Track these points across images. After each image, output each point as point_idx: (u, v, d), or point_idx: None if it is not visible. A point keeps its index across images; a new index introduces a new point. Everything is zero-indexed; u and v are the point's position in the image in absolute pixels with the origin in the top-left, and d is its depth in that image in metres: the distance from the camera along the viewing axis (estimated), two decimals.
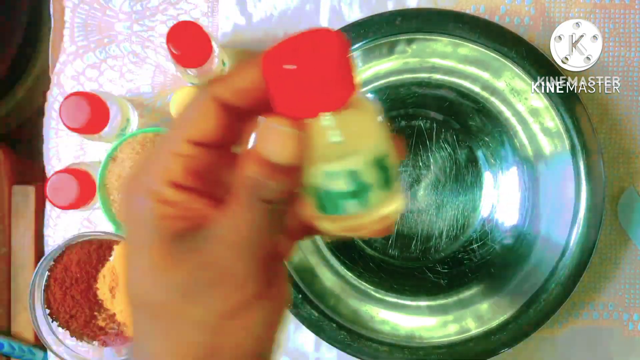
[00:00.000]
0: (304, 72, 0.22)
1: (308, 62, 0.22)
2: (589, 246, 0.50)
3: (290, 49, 0.23)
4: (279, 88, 0.23)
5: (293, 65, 0.22)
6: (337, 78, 0.23)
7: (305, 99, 0.23)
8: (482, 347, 0.51)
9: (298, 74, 0.22)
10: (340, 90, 0.23)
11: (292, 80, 0.22)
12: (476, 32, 0.51)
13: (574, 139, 0.51)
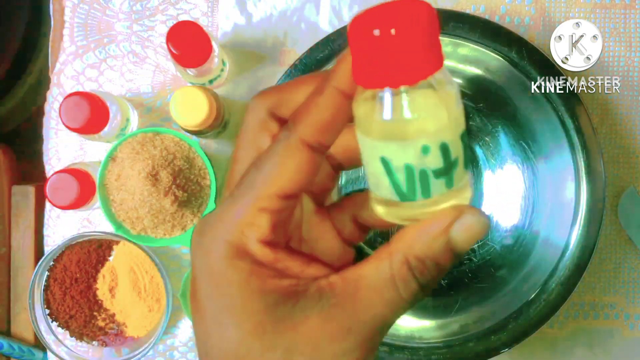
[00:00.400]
0: (394, 38, 0.21)
1: (401, 28, 0.21)
2: (589, 246, 0.50)
3: (380, 15, 0.21)
4: (367, 56, 0.22)
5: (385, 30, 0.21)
6: (430, 42, 0.22)
7: (396, 65, 0.21)
8: (482, 347, 0.51)
9: (387, 40, 0.21)
10: (434, 55, 0.22)
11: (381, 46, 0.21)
12: (476, 32, 0.51)
13: (574, 139, 0.51)
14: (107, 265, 0.56)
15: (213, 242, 0.23)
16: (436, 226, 0.23)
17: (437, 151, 0.22)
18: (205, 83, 0.54)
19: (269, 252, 0.23)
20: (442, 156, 0.23)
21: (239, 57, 0.57)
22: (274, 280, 0.23)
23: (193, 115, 0.49)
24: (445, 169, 0.23)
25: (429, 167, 0.23)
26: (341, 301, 0.23)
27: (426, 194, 0.23)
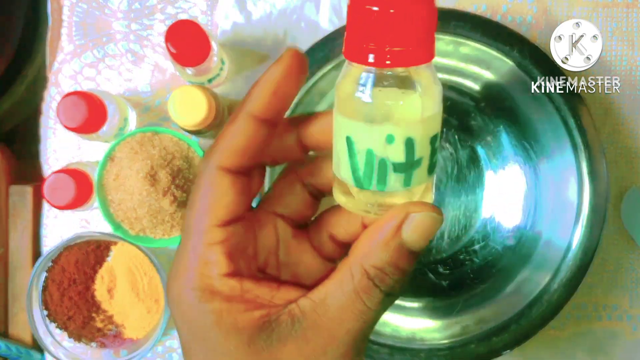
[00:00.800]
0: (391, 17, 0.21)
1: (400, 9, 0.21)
2: (592, 247, 0.50)
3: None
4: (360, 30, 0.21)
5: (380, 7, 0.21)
6: (424, 32, 0.22)
7: (385, 46, 0.21)
8: (484, 349, 0.50)
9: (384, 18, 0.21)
10: (425, 47, 0.22)
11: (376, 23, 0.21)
12: (478, 30, 0.51)
13: (577, 139, 0.50)
14: (105, 266, 0.55)
15: (182, 293, 0.24)
16: (386, 230, 0.23)
17: (402, 145, 0.22)
18: (204, 82, 0.54)
19: (235, 283, 0.23)
20: (405, 151, 0.22)
21: (238, 56, 0.57)
22: (246, 314, 0.23)
23: (192, 114, 0.49)
24: (406, 166, 0.23)
25: (389, 158, 0.22)
26: (313, 323, 0.23)
27: (382, 185, 0.23)
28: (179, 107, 0.49)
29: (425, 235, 0.23)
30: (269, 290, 0.24)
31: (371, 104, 0.22)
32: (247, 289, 0.24)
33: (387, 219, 0.23)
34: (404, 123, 0.22)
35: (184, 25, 0.48)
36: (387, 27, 0.21)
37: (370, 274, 0.23)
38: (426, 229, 0.23)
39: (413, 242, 0.23)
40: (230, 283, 0.23)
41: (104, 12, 0.57)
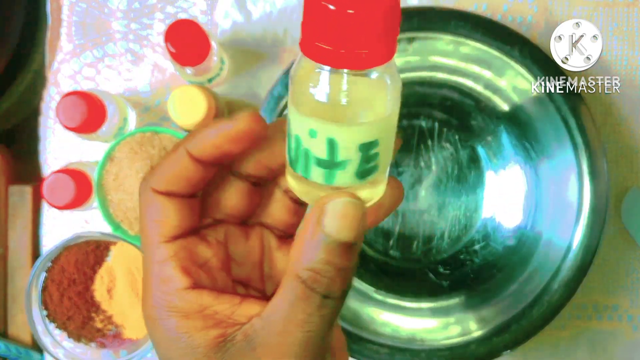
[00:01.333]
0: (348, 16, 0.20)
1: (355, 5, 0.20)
2: (592, 247, 0.50)
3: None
4: (314, 27, 0.21)
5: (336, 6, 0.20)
6: (381, 33, 0.20)
7: (339, 45, 0.20)
8: (484, 349, 0.50)
9: (340, 16, 0.20)
10: (380, 49, 0.21)
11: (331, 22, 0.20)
12: (478, 30, 0.51)
13: (577, 138, 0.50)
14: (104, 266, 0.55)
15: (147, 311, 0.24)
16: (308, 227, 0.22)
17: (324, 142, 0.22)
18: (204, 82, 0.54)
19: (193, 298, 0.23)
20: (327, 150, 0.22)
21: (238, 55, 0.57)
22: (202, 333, 0.23)
23: (192, 114, 0.49)
24: (328, 163, 0.22)
25: (312, 151, 0.22)
26: (263, 340, 0.22)
27: (306, 173, 0.23)
28: (179, 107, 0.49)
29: (349, 223, 0.22)
30: (230, 306, 0.23)
31: (304, 94, 0.22)
32: (206, 304, 0.23)
33: (308, 216, 0.22)
34: (328, 123, 0.21)
35: (184, 25, 0.48)
36: (337, 26, 0.20)
37: (303, 278, 0.22)
38: (347, 216, 0.22)
39: (337, 232, 0.22)
40: (188, 297, 0.23)
41: (104, 12, 0.57)
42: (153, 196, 0.24)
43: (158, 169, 0.24)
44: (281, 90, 0.51)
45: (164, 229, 0.24)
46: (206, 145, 0.23)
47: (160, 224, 0.24)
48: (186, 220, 0.24)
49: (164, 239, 0.24)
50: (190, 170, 0.24)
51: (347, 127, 0.21)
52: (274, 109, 0.51)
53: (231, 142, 0.23)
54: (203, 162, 0.24)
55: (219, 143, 0.23)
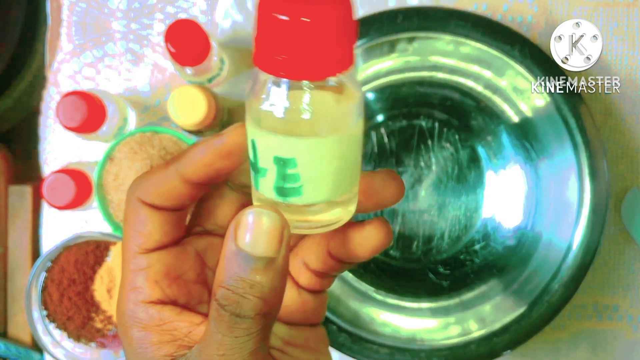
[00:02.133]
0: (300, 24, 0.19)
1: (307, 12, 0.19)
2: (592, 247, 0.50)
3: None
4: (266, 38, 0.20)
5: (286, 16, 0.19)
6: (335, 41, 0.19)
7: (292, 56, 0.19)
8: (484, 349, 0.50)
9: (292, 25, 0.19)
10: (334, 59, 0.20)
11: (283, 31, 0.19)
12: (478, 30, 0.51)
13: (577, 138, 0.50)
14: (104, 266, 0.55)
15: (119, 317, 0.24)
16: (225, 242, 0.21)
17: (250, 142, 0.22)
18: (203, 82, 0.54)
19: (154, 312, 0.23)
20: (251, 150, 0.22)
21: (238, 55, 0.57)
22: (154, 347, 0.23)
23: (191, 114, 0.49)
24: (254, 166, 0.22)
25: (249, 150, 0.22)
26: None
27: (255, 183, 0.22)
28: (179, 107, 0.49)
29: (262, 236, 0.21)
30: (189, 325, 0.23)
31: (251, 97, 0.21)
32: (166, 319, 0.23)
33: (226, 231, 0.22)
34: (251, 123, 0.21)
35: (184, 25, 0.48)
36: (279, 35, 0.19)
37: (216, 296, 0.21)
38: (263, 229, 0.21)
39: (249, 246, 0.20)
40: (150, 311, 0.23)
41: (104, 12, 0.57)
42: (139, 206, 0.23)
43: (146, 180, 0.23)
44: None
45: (144, 241, 0.23)
46: (197, 165, 0.23)
47: (141, 235, 0.23)
48: (168, 235, 0.24)
49: (142, 250, 0.24)
50: (179, 189, 0.23)
51: (260, 132, 0.21)
52: None
53: (223, 159, 0.23)
54: (193, 183, 0.23)
55: (210, 161, 0.23)
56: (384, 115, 0.55)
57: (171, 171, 0.23)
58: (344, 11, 0.20)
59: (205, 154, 0.23)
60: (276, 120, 0.21)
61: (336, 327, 0.51)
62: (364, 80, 0.53)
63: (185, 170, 0.23)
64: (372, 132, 0.55)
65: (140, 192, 0.24)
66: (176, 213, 0.24)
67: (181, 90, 0.49)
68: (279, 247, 0.21)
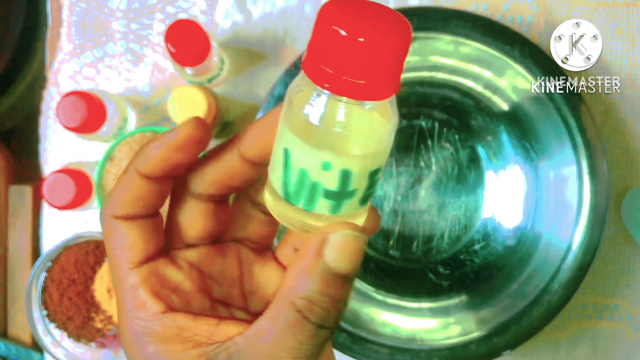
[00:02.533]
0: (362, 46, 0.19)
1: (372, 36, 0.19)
2: (592, 247, 0.50)
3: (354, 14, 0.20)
4: (324, 49, 0.20)
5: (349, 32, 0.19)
6: (390, 68, 0.20)
7: (345, 75, 0.20)
8: (484, 349, 0.50)
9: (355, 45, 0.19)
10: (387, 84, 0.21)
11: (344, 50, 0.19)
12: (478, 30, 0.51)
13: (577, 138, 0.50)
14: (105, 266, 0.55)
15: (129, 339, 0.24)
16: (308, 256, 0.22)
17: (337, 174, 0.21)
18: (203, 82, 0.54)
19: (169, 321, 0.23)
20: (339, 181, 0.21)
21: (238, 55, 0.57)
22: (183, 354, 0.23)
23: (191, 114, 0.49)
24: (338, 195, 0.22)
25: (322, 183, 0.22)
26: (249, 359, 0.22)
27: (309, 206, 0.22)
28: (179, 107, 0.49)
29: (350, 256, 0.22)
30: (207, 327, 0.23)
31: (316, 126, 0.21)
32: (183, 326, 0.23)
33: (308, 244, 0.22)
34: (344, 155, 0.21)
35: (184, 25, 0.48)
36: (351, 55, 0.19)
37: (299, 306, 0.22)
38: (349, 249, 0.22)
39: (337, 264, 0.22)
40: (164, 321, 0.23)
41: (104, 12, 0.57)
42: (114, 223, 0.24)
43: (113, 194, 0.24)
44: (281, 90, 0.51)
45: (130, 255, 0.24)
46: (153, 160, 0.23)
47: (126, 249, 0.24)
48: (151, 242, 0.24)
49: (133, 265, 0.24)
50: (144, 189, 0.23)
51: (363, 157, 0.21)
52: None
53: (177, 152, 0.23)
54: (155, 178, 0.24)
55: (165, 155, 0.23)
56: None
57: (130, 172, 0.23)
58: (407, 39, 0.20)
59: (160, 148, 0.23)
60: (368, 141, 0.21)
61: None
62: None
63: (142, 166, 0.23)
64: None
65: (110, 209, 0.24)
66: (152, 220, 0.24)
67: (181, 90, 0.49)
68: (359, 264, 0.22)
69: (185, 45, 0.47)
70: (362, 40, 0.19)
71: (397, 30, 0.20)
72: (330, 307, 0.22)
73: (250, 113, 0.56)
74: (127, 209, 0.24)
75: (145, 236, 0.24)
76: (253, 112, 0.54)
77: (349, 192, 0.22)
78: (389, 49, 0.20)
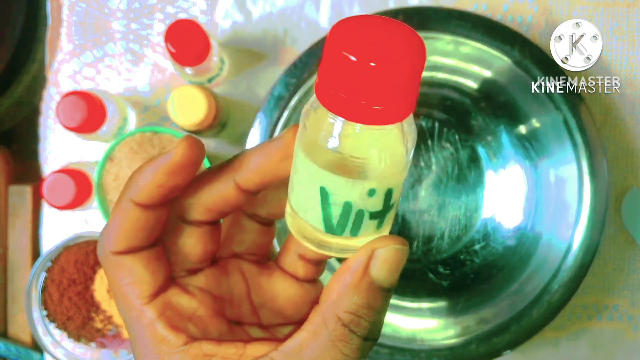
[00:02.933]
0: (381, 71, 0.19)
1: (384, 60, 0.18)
2: (592, 247, 0.50)
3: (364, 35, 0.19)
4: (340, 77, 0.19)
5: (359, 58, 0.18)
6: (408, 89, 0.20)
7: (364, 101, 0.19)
8: (485, 349, 0.50)
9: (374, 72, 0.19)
10: (406, 104, 0.20)
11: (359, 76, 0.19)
12: (478, 30, 0.51)
13: (577, 138, 0.50)
14: None
15: None
16: (354, 270, 0.22)
17: (382, 195, 0.22)
18: (203, 82, 0.54)
19: (196, 351, 0.23)
20: (384, 200, 0.22)
21: (238, 55, 0.57)
22: None
23: (191, 114, 0.49)
24: (382, 212, 0.22)
25: (368, 209, 0.22)
26: None
27: (355, 231, 0.22)
28: (179, 107, 0.49)
29: (394, 270, 0.22)
30: (236, 350, 0.23)
31: (353, 160, 0.21)
32: (210, 352, 0.23)
33: (354, 259, 0.22)
34: (387, 175, 0.21)
35: (184, 25, 0.48)
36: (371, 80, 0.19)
37: (345, 321, 0.22)
38: (394, 263, 0.22)
39: (383, 278, 0.22)
40: (192, 351, 0.23)
41: (103, 12, 0.57)
42: (116, 259, 0.23)
43: (110, 228, 0.23)
44: (281, 90, 0.51)
45: (140, 290, 0.23)
46: (148, 187, 0.22)
47: (134, 285, 0.23)
48: (158, 272, 0.23)
49: (145, 300, 0.23)
50: (142, 219, 0.23)
51: (401, 173, 0.22)
52: (274, 108, 0.51)
53: (172, 175, 0.22)
54: (152, 206, 0.23)
55: (161, 181, 0.22)
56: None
57: (125, 203, 0.23)
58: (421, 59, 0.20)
59: (155, 175, 0.22)
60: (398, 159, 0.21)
61: None
62: None
63: (138, 196, 0.22)
64: None
65: (110, 245, 0.23)
66: (154, 249, 0.24)
67: (181, 90, 0.49)
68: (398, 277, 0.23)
69: (185, 45, 0.47)
70: (374, 65, 0.18)
71: (410, 51, 0.19)
72: (374, 320, 0.22)
73: (250, 113, 0.56)
74: (128, 242, 0.23)
75: (152, 267, 0.23)
76: (253, 112, 0.54)
77: (391, 205, 0.22)
78: (403, 71, 0.19)
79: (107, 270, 0.23)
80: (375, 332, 0.22)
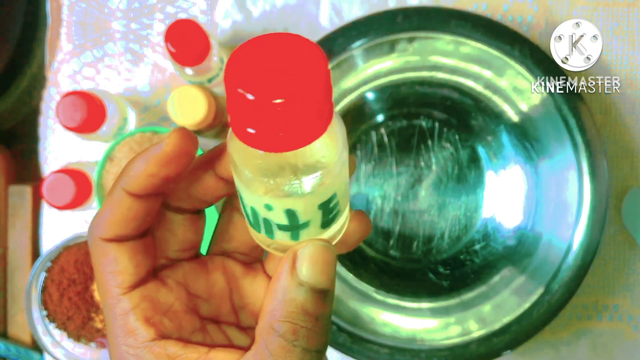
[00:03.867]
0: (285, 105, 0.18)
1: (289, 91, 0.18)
2: (592, 247, 0.50)
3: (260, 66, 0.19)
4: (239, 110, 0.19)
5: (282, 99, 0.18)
6: (320, 109, 0.19)
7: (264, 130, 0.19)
8: (484, 349, 0.50)
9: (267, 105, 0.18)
10: (318, 123, 0.20)
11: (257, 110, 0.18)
12: (478, 30, 0.51)
13: (577, 138, 0.50)
14: None
15: None
16: (281, 277, 0.21)
17: (282, 213, 0.21)
18: (203, 82, 0.54)
19: (160, 350, 0.22)
20: (287, 217, 0.21)
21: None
22: None
23: (191, 114, 0.49)
24: (291, 227, 0.22)
25: (272, 220, 0.22)
26: None
27: (270, 235, 0.22)
28: (179, 107, 0.49)
29: (322, 268, 0.21)
30: (197, 356, 0.23)
31: (251, 177, 0.21)
32: (173, 354, 0.22)
33: (280, 264, 0.22)
34: (282, 198, 0.21)
35: (184, 25, 0.48)
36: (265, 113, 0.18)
37: (280, 331, 0.21)
38: (319, 261, 0.21)
39: (312, 278, 0.21)
40: (155, 350, 0.22)
41: (103, 12, 0.57)
42: (104, 245, 0.23)
43: (101, 215, 0.23)
44: None
45: (121, 280, 0.23)
46: (141, 176, 0.22)
47: (116, 274, 0.23)
48: (142, 265, 0.23)
49: (124, 290, 0.23)
50: (133, 208, 0.23)
51: (302, 197, 0.21)
52: None
53: (165, 165, 0.22)
54: (144, 196, 0.23)
55: (154, 170, 0.22)
56: (384, 115, 0.55)
57: (118, 191, 0.23)
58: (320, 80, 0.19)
59: (147, 164, 0.22)
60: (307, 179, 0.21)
61: (336, 327, 0.51)
62: (364, 80, 0.53)
63: (130, 185, 0.23)
64: (372, 132, 0.55)
65: (99, 232, 0.23)
66: (142, 240, 0.24)
67: (181, 90, 0.49)
68: (334, 277, 0.22)
69: (185, 45, 0.47)
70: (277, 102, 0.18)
71: (307, 76, 0.19)
72: (313, 327, 0.21)
73: None
74: (117, 231, 0.23)
75: (137, 259, 0.23)
76: None
77: (302, 224, 0.22)
78: (302, 99, 0.18)
79: (93, 256, 0.23)
80: (318, 341, 0.21)
